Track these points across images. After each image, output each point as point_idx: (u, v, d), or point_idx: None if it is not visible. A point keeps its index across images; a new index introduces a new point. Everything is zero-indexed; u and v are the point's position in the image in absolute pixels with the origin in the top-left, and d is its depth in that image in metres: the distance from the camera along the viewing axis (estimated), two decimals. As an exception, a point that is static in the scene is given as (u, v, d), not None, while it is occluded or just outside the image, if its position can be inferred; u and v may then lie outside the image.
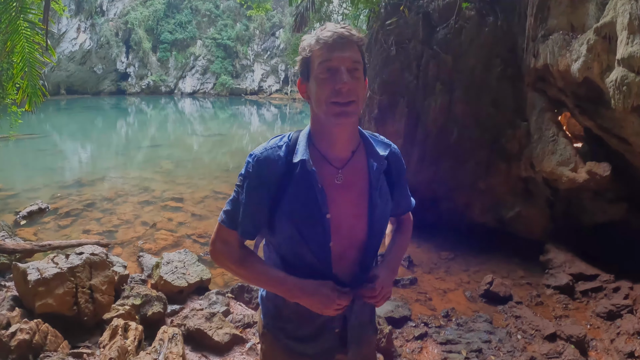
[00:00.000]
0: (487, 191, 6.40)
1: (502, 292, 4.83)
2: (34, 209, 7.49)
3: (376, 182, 1.50)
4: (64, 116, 24.68)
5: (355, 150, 1.50)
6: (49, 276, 3.47)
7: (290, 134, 1.53)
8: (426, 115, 6.71)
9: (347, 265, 1.51)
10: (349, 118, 1.36)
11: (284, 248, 1.52)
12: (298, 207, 1.42)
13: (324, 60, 1.34)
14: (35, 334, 2.98)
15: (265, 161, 1.44)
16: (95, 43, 31.15)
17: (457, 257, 6.03)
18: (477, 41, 6.17)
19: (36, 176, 10.29)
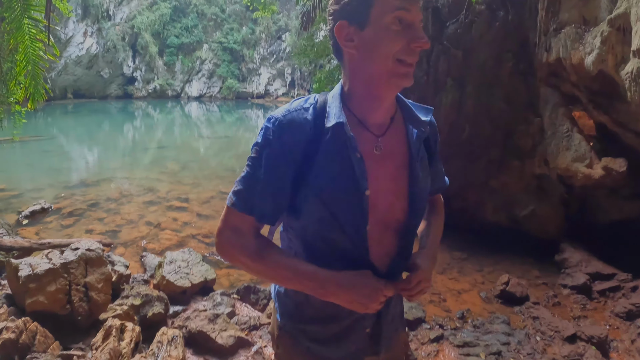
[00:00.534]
0: (500, 189, 6.22)
1: (518, 293, 4.64)
2: (36, 209, 7.40)
3: (417, 153, 1.26)
4: (71, 119, 24.80)
5: (393, 116, 1.27)
6: (41, 272, 3.31)
7: (315, 95, 1.26)
8: (437, 112, 6.43)
9: (384, 252, 1.26)
10: (411, 81, 1.15)
11: (310, 233, 1.24)
12: (330, 182, 1.16)
13: (401, 7, 1.09)
14: (23, 333, 2.84)
15: (290, 125, 1.17)
16: (101, 47, 31.28)
17: (470, 257, 5.85)
18: (487, 36, 6.00)
19: (40, 177, 10.23)
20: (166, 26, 35.57)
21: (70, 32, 28.19)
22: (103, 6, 30.58)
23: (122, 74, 34.44)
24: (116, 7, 32.42)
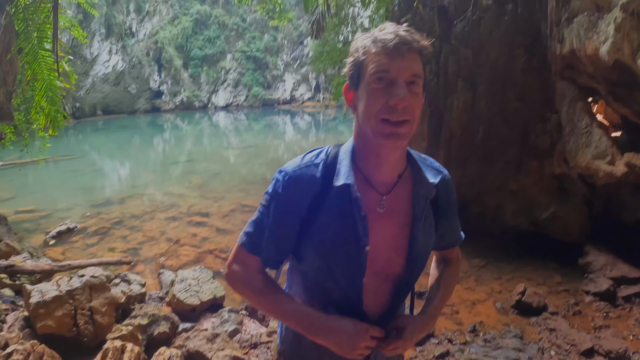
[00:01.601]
0: (519, 192, 5.97)
1: (535, 303, 4.41)
2: (62, 229, 7.63)
3: (421, 213, 1.29)
4: (101, 136, 25.49)
5: (402, 174, 1.30)
6: (49, 299, 3.55)
7: (328, 148, 1.33)
8: (449, 115, 6.39)
9: (378, 301, 1.32)
10: (399, 140, 1.16)
11: (309, 279, 1.34)
12: (330, 236, 1.24)
13: (380, 68, 1.13)
14: (30, 354, 2.99)
15: (298, 181, 1.26)
16: (127, 64, 32.11)
17: (489, 264, 5.64)
18: (497, 32, 5.77)
19: (69, 196, 10.56)
20: (189, 39, 36.20)
21: (95, 51, 29.05)
22: (126, 24, 31.41)
23: (149, 88, 35.24)
24: (138, 24, 33.25)
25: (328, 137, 22.47)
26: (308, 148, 5.46)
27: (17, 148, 10.26)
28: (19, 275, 4.92)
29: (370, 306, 1.30)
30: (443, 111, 6.45)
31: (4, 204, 9.58)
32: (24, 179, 12.63)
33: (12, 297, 4.52)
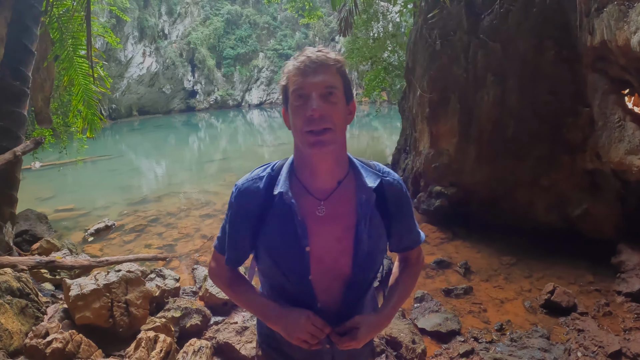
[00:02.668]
0: (551, 188, 5.83)
1: (564, 302, 4.30)
2: (100, 227, 7.89)
3: (363, 216, 1.40)
4: (137, 136, 26.19)
5: (342, 180, 1.42)
6: (87, 292, 3.74)
7: (275, 163, 1.50)
8: (479, 110, 6.31)
9: (331, 299, 1.45)
10: (324, 147, 1.27)
11: (266, 276, 1.52)
12: (276, 239, 1.40)
13: (297, 86, 1.28)
14: (69, 343, 3.19)
15: (246, 192, 1.43)
16: (161, 65, 32.79)
17: (520, 262, 5.53)
18: (525, 24, 5.65)
19: (106, 195, 10.92)
20: (221, 39, 36.68)
21: (129, 54, 29.72)
22: (158, 26, 32.02)
23: (183, 88, 35.89)
24: (171, 25, 33.87)
25: (362, 132, 22.37)
26: None
27: (56, 150, 10.69)
28: (59, 271, 5.14)
29: (325, 303, 1.42)
30: (473, 106, 6.38)
31: (44, 203, 9.96)
32: (63, 179, 13.09)
33: (52, 291, 4.77)
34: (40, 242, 6.16)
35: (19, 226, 6.42)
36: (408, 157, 9.09)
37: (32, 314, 3.57)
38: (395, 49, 12.71)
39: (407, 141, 9.49)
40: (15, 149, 4.89)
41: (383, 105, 30.79)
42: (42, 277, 4.99)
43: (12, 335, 3.17)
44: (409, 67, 8.24)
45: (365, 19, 12.13)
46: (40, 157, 12.02)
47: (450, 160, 6.87)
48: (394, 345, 3.69)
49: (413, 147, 8.35)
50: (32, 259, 4.76)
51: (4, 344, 3.03)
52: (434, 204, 6.91)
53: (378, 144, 17.71)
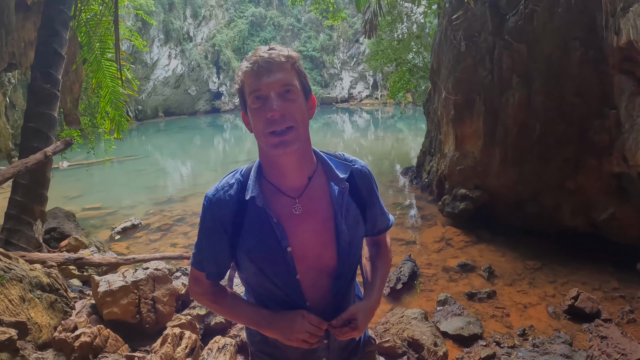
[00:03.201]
0: (577, 191, 5.71)
1: (588, 308, 4.21)
2: (127, 225, 8.08)
3: (339, 207, 1.40)
4: (163, 137, 26.60)
5: (312, 176, 1.41)
6: (115, 288, 3.82)
7: (242, 169, 1.46)
8: (505, 112, 6.22)
9: (320, 295, 1.43)
10: (288, 147, 1.26)
11: (251, 284, 1.48)
12: (255, 244, 1.36)
13: (253, 89, 1.26)
14: (96, 337, 3.26)
15: (218, 203, 1.39)
16: (186, 67, 33.29)
17: (544, 266, 5.44)
18: (551, 25, 5.55)
19: (133, 195, 11.15)
20: (245, 41, 37.05)
21: (155, 56, 30.25)
22: (183, 29, 32.52)
23: (209, 90, 36.37)
24: (195, 28, 34.34)
25: (387, 134, 22.30)
26: (367, 146, 5.57)
27: (83, 150, 10.95)
28: (86, 267, 5.28)
29: (314, 301, 1.41)
30: (498, 109, 6.30)
31: (72, 201, 10.23)
32: (90, 179, 13.44)
33: (80, 287, 4.90)
34: (69, 239, 6.33)
35: (48, 224, 6.60)
36: (433, 160, 9.03)
37: (61, 308, 3.67)
38: (420, 51, 12.65)
39: (432, 143, 9.43)
40: (46, 149, 5.03)
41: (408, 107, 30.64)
42: (70, 273, 5.13)
43: (42, 328, 3.26)
44: (433, 69, 8.19)
45: (390, 20, 12.10)
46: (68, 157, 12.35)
47: (475, 163, 6.80)
48: (416, 348, 3.68)
49: (438, 150, 8.30)
50: (61, 256, 4.89)
51: (33, 337, 3.13)
52: (458, 207, 6.85)
53: (403, 146, 17.62)
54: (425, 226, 7.37)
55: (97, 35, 6.71)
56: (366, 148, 18.12)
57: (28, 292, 3.37)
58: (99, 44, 6.75)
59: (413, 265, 5.55)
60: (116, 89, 7.02)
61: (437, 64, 7.88)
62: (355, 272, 1.51)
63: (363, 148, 18.15)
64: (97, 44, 6.73)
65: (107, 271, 5.40)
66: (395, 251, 6.33)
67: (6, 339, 2.51)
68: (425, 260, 5.94)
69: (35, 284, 3.54)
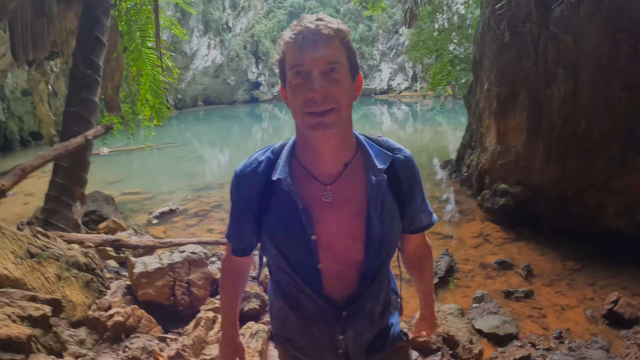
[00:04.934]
0: (622, 191, 5.43)
1: (627, 314, 4.01)
2: (165, 210, 8.27)
3: (374, 199, 1.28)
4: (202, 125, 27.05)
5: (349, 162, 1.30)
6: (151, 270, 3.90)
7: (274, 146, 1.38)
8: (549, 106, 5.99)
9: (345, 286, 1.35)
10: (327, 130, 1.15)
11: (272, 264, 1.42)
12: (280, 228, 1.29)
13: (294, 62, 1.15)
14: (130, 317, 3.34)
15: (244, 179, 1.34)
16: (225, 57, 33.66)
17: (585, 268, 5.23)
18: (598, 15, 5.26)
19: (172, 181, 11.41)
20: (284, 31, 37.06)
21: (195, 46, 30.68)
22: (222, 20, 32.81)
23: (247, 79, 36.67)
24: (234, 19, 34.59)
25: (426, 127, 21.98)
26: (405, 138, 5.50)
27: (124, 136, 11.22)
28: (123, 249, 5.43)
29: (334, 290, 1.33)
30: (543, 102, 6.07)
31: (112, 186, 10.52)
32: (130, 164, 13.86)
33: (116, 268, 5.03)
34: (107, 221, 6.51)
35: (87, 207, 6.80)
36: (473, 153, 8.82)
37: (97, 288, 3.77)
38: (462, 41, 12.33)
39: (472, 136, 9.20)
40: (86, 133, 5.17)
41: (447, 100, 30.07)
42: (107, 254, 5.28)
43: (76, 306, 3.36)
44: (476, 60, 7.97)
45: (430, 10, 11.83)
46: (109, 143, 12.69)
47: (517, 158, 6.59)
48: (451, 344, 3.61)
49: (479, 143, 8.09)
50: (99, 237, 5.03)
51: (67, 314, 3.23)
52: (498, 203, 6.66)
53: (441, 139, 17.31)
54: (464, 221, 7.21)
55: (138, 24, 6.84)
56: (405, 141, 17.89)
57: (64, 270, 3.48)
58: (139, 32, 6.88)
59: (450, 260, 5.45)
60: (156, 76, 7.16)
61: (480, 55, 7.66)
62: (388, 269, 1.44)
63: (401, 140, 17.78)
64: (138, 32, 6.86)
65: (143, 254, 5.49)
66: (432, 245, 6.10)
67: (40, 316, 2.58)
68: (462, 256, 5.82)
69: (72, 263, 3.65)
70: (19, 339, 2.28)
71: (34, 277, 3.17)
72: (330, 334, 1.38)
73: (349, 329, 1.37)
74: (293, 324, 1.44)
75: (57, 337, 2.66)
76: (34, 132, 18.46)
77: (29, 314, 2.53)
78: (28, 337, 2.33)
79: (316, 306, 1.35)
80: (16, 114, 18.10)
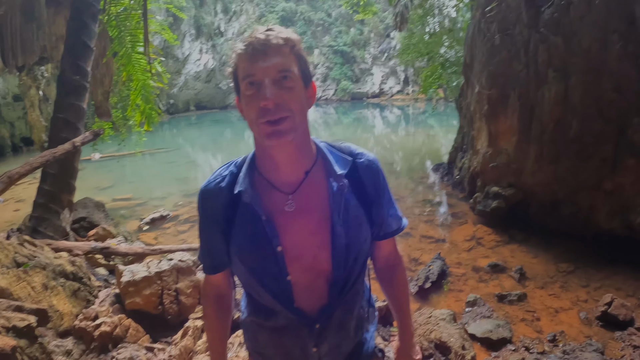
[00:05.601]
0: (614, 192, 5.43)
1: (621, 316, 4.00)
2: (156, 216, 8.19)
3: (337, 206, 1.27)
4: (195, 130, 26.95)
5: (309, 170, 1.29)
6: (138, 278, 3.84)
7: (238, 160, 1.39)
8: (541, 108, 6.00)
9: (315, 296, 1.33)
10: (282, 137, 1.15)
11: (243, 282, 1.40)
12: (245, 241, 1.28)
13: (246, 74, 1.15)
14: (117, 327, 3.30)
15: (209, 194, 1.34)
16: (217, 62, 33.70)
17: (578, 270, 5.22)
18: (588, 17, 5.27)
19: (163, 186, 11.30)
20: (277, 36, 37.13)
21: (186, 51, 30.73)
22: (214, 24, 32.91)
23: (240, 84, 36.64)
24: (226, 23, 34.67)
25: (418, 130, 22.02)
26: (397, 142, 5.47)
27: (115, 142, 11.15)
28: (113, 257, 5.37)
29: (306, 302, 1.31)
30: (534, 104, 6.08)
31: (103, 192, 10.44)
32: (121, 170, 13.72)
33: (105, 276, 4.96)
34: (97, 229, 6.44)
35: (77, 213, 6.73)
36: (465, 156, 8.83)
37: (84, 297, 3.72)
38: (452, 45, 12.39)
39: (464, 139, 9.22)
40: (74, 140, 5.11)
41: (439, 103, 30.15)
42: (96, 262, 5.21)
43: (63, 316, 3.31)
44: (466, 63, 7.99)
45: (421, 13, 11.88)
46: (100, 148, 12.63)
47: (509, 160, 6.59)
48: (443, 350, 3.56)
49: (470, 146, 8.10)
50: (87, 245, 4.97)
51: (54, 324, 3.18)
52: (490, 205, 6.66)
53: (433, 142, 17.34)
54: (456, 224, 7.20)
55: (128, 29, 6.79)
56: (397, 144, 17.93)
57: (51, 279, 3.43)
58: (129, 37, 6.83)
59: (442, 264, 5.42)
60: (147, 82, 7.11)
61: (471, 57, 7.67)
62: (359, 277, 1.40)
63: (394, 144, 17.96)
64: (128, 37, 6.82)
65: (133, 261, 5.45)
66: (424, 249, 6.21)
67: (25, 326, 2.53)
68: (454, 259, 5.80)
69: (59, 271, 3.59)
70: (3, 351, 2.22)
71: (20, 287, 3.11)
72: (302, 347, 1.35)
73: (323, 342, 1.35)
74: (263, 338, 1.42)
75: (43, 348, 2.60)
76: (25, 137, 18.33)
77: (14, 324, 2.48)
78: (13, 348, 2.28)
79: (288, 319, 1.32)
80: (7, 119, 17.98)
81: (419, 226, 7.10)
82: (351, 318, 1.40)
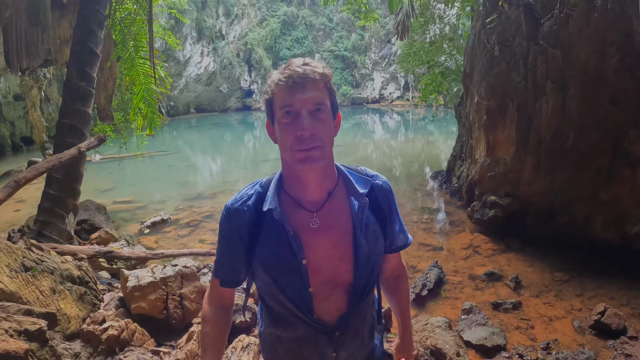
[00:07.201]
0: (610, 202, 5.53)
1: (614, 325, 4.08)
2: (157, 220, 8.24)
3: (359, 221, 1.41)
4: (195, 133, 26.99)
5: (332, 191, 1.42)
6: (144, 284, 3.91)
7: (263, 180, 1.49)
8: (538, 119, 6.09)
9: (334, 307, 1.43)
10: (314, 163, 1.27)
11: (264, 293, 1.49)
12: (271, 256, 1.38)
13: (285, 103, 1.26)
14: (124, 331, 3.37)
15: (235, 213, 1.42)
16: (218, 65, 33.78)
17: (572, 279, 5.31)
18: (586, 30, 5.38)
19: (164, 190, 11.38)
20: (277, 40, 37.38)
21: (188, 54, 30.77)
22: (216, 27, 32.97)
23: (240, 87, 36.81)
24: (228, 26, 34.76)
25: (417, 136, 22.09)
26: (397, 148, 5.65)
27: (116, 144, 11.20)
28: (115, 260, 5.42)
29: (325, 312, 1.41)
30: (532, 115, 6.18)
31: (103, 194, 10.51)
32: (122, 172, 13.77)
33: (108, 279, 5.04)
34: (99, 232, 6.50)
35: (79, 215, 6.77)
36: (463, 165, 8.92)
37: (90, 300, 3.78)
38: (452, 53, 12.49)
39: (462, 148, 9.31)
40: (80, 145, 5.19)
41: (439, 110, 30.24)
42: (99, 265, 5.28)
43: (70, 319, 3.37)
44: (466, 73, 8.08)
45: (422, 21, 11.97)
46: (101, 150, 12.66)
47: (506, 170, 6.69)
48: (438, 357, 3.64)
49: (469, 155, 8.19)
50: (92, 249, 5.03)
51: (61, 328, 3.24)
52: (487, 214, 6.74)
53: (433, 149, 17.41)
54: (454, 232, 7.28)
55: (131, 34, 6.87)
56: (396, 150, 17.99)
57: (59, 283, 3.49)
58: (133, 42, 6.91)
59: (439, 272, 5.49)
60: (149, 86, 7.18)
61: (470, 67, 7.77)
62: (373, 288, 1.52)
63: (393, 150, 18.02)
64: (131, 42, 6.90)
65: (135, 265, 5.54)
66: (422, 256, 6.29)
67: (36, 330, 2.59)
68: (451, 267, 5.88)
69: (66, 276, 3.65)
70: (16, 354, 2.28)
71: (29, 291, 3.17)
72: (321, 355, 1.44)
73: (341, 349, 1.45)
74: (282, 348, 1.50)
75: (53, 351, 2.67)
76: (25, 137, 18.40)
77: (25, 328, 2.54)
78: (26, 351, 2.34)
79: (308, 329, 1.41)
80: (8, 118, 18.04)
81: (417, 234, 7.17)
82: (365, 325, 1.51)
